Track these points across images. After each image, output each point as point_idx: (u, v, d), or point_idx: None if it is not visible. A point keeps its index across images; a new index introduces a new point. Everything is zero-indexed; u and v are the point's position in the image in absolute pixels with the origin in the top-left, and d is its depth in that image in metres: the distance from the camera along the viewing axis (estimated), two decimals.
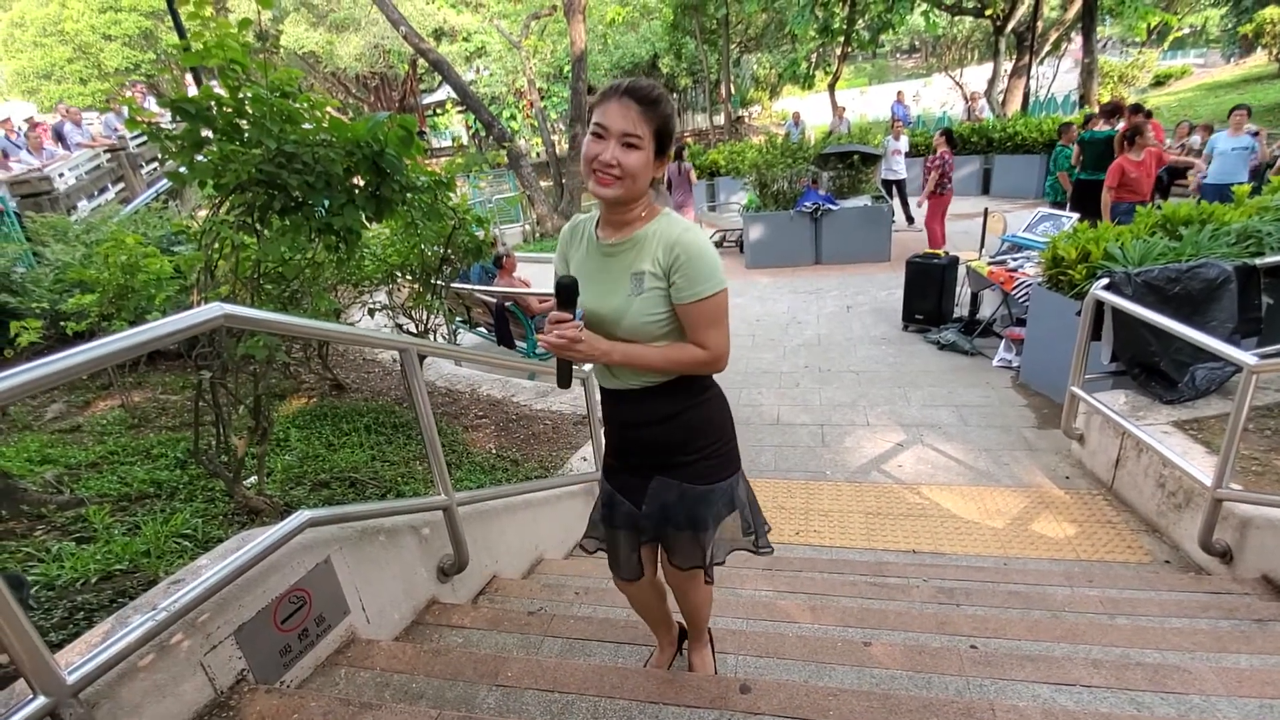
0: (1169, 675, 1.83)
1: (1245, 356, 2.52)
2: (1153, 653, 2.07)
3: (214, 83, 2.20)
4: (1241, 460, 2.98)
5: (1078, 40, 16.16)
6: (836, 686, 1.80)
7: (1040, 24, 15.50)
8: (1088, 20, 13.32)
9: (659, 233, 1.43)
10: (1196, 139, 9.70)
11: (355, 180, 2.38)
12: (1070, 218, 6.10)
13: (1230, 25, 27.15)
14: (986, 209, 7.58)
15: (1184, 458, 3.00)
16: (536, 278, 7.11)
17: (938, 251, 6.51)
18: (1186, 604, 2.50)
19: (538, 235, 14.45)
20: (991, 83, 16.62)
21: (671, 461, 1.56)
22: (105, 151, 11.35)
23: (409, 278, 4.29)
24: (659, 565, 1.77)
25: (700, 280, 1.39)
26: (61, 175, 10.14)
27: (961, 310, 6.53)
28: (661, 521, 1.58)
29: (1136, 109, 7.60)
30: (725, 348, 1.47)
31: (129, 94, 13.06)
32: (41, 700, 1.21)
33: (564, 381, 1.51)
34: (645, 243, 1.43)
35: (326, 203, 2.30)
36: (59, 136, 10.99)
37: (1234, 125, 6.86)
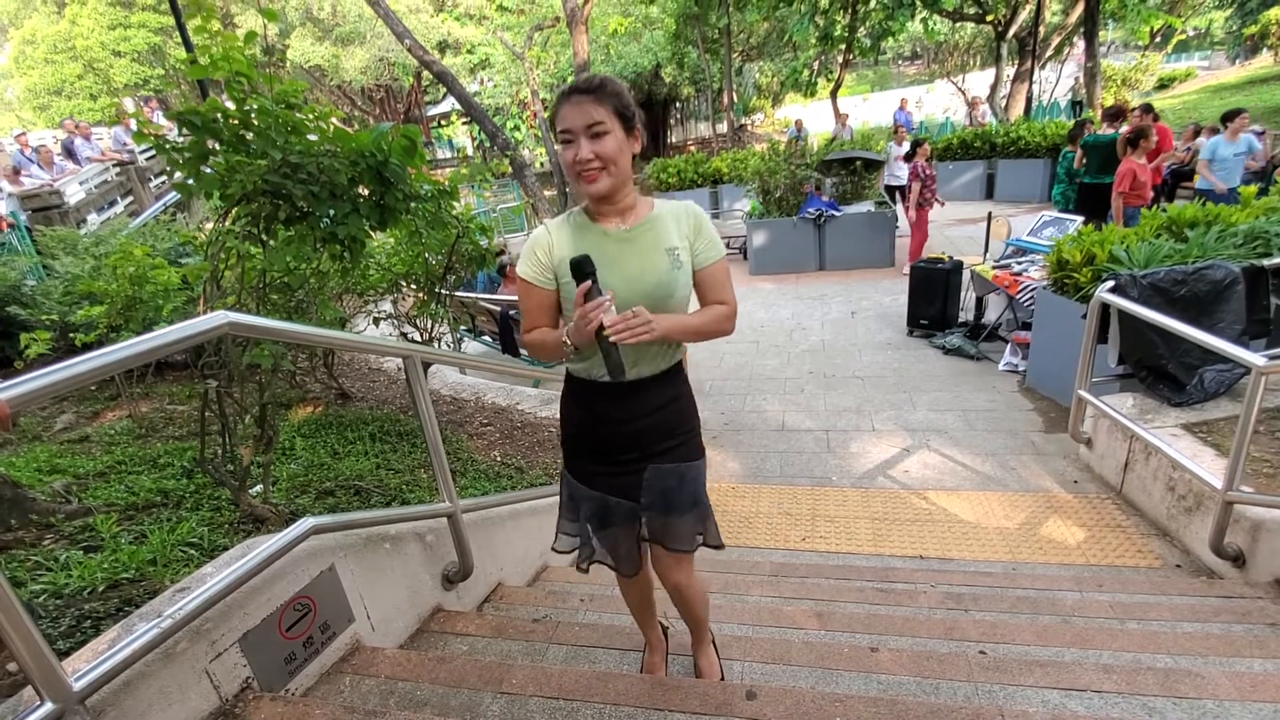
0: (1181, 680, 1.81)
1: (1254, 358, 2.50)
2: (1164, 657, 2.04)
3: (223, 96, 2.23)
4: (1252, 463, 2.95)
5: (1080, 44, 16.16)
6: (843, 693, 1.78)
7: (1042, 29, 15.53)
8: (1090, 24, 13.31)
9: (669, 210, 1.55)
10: (1203, 141, 9.67)
11: (360, 190, 2.40)
12: (1075, 221, 6.09)
13: (1235, 27, 27.16)
14: (990, 213, 7.57)
15: (1193, 461, 2.98)
16: None
17: (941, 256, 6.50)
18: (1198, 608, 2.47)
19: None
20: (994, 88, 16.63)
21: (664, 446, 1.59)
22: (114, 165, 11.49)
23: (413, 286, 4.31)
24: (650, 564, 1.79)
25: (716, 242, 1.57)
26: (72, 189, 10.26)
27: (966, 315, 6.51)
28: (665, 508, 1.60)
29: (1147, 109, 7.57)
30: (736, 301, 1.62)
31: (143, 107, 13.22)
32: (49, 707, 1.22)
33: (621, 368, 1.37)
34: (662, 221, 1.52)
35: (331, 212, 2.32)
36: (69, 151, 11.13)
37: (1232, 131, 6.82)
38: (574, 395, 1.63)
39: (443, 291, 4.11)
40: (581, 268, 1.35)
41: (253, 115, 2.13)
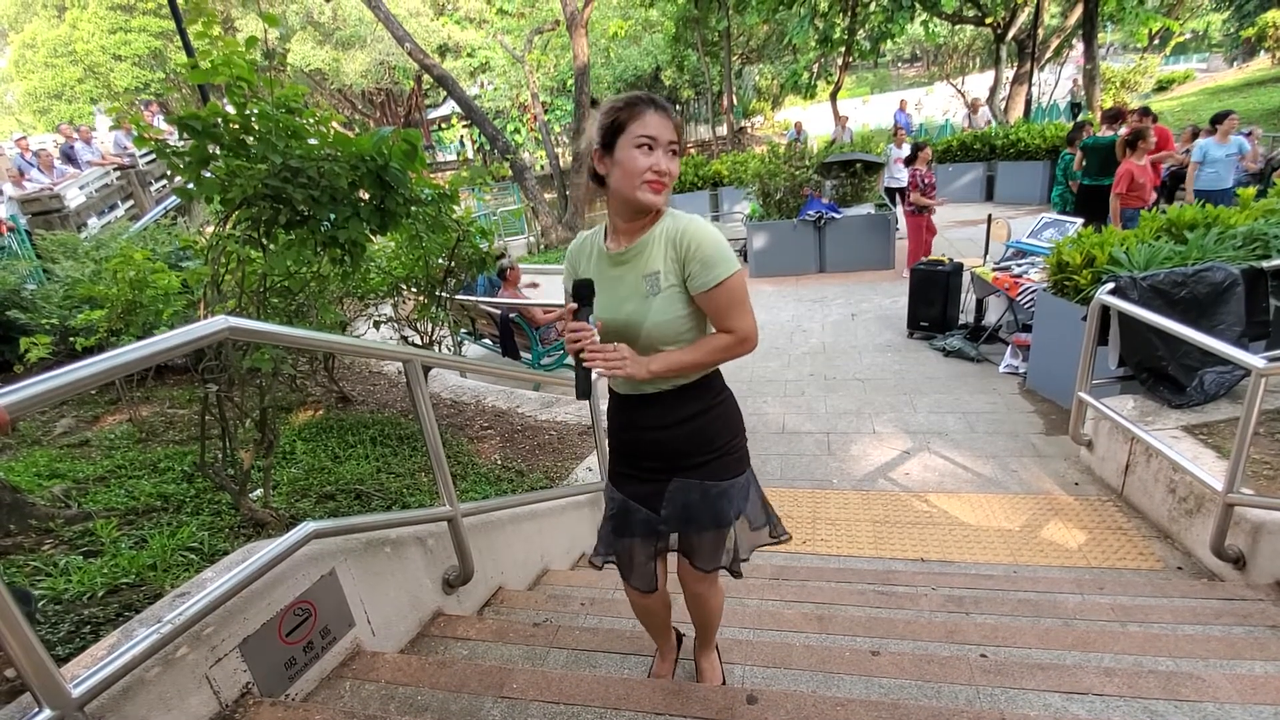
0: (1182, 683, 1.81)
1: (1254, 360, 2.50)
2: (1166, 660, 2.04)
3: (224, 101, 2.24)
4: (1252, 464, 2.95)
5: (1079, 47, 16.20)
6: (844, 696, 1.78)
7: (1041, 31, 15.56)
8: (1089, 27, 13.34)
9: (664, 232, 1.46)
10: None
11: (360, 194, 2.40)
12: (1074, 223, 6.09)
13: (1232, 29, 27.22)
14: (990, 215, 7.57)
15: (1194, 463, 2.97)
16: (540, 289, 7.14)
17: (941, 258, 6.50)
18: (1199, 611, 2.47)
19: (542, 247, 14.54)
20: (993, 90, 16.66)
21: (691, 462, 1.57)
22: (115, 169, 11.50)
23: (414, 290, 4.32)
24: (669, 573, 1.77)
25: (715, 264, 1.42)
26: (72, 193, 10.27)
27: (967, 317, 6.51)
28: (684, 523, 1.59)
29: (1145, 112, 7.59)
30: (753, 327, 1.51)
31: (143, 111, 13.27)
32: (47, 714, 1.21)
33: (585, 392, 1.47)
34: (652, 244, 1.47)
35: (332, 216, 2.32)
36: (68, 156, 11.14)
37: (1222, 133, 6.84)
38: (611, 403, 1.66)
39: (443, 295, 4.11)
40: (578, 291, 1.42)
41: (253, 120, 2.14)
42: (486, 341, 6.75)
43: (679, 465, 1.57)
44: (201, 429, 2.27)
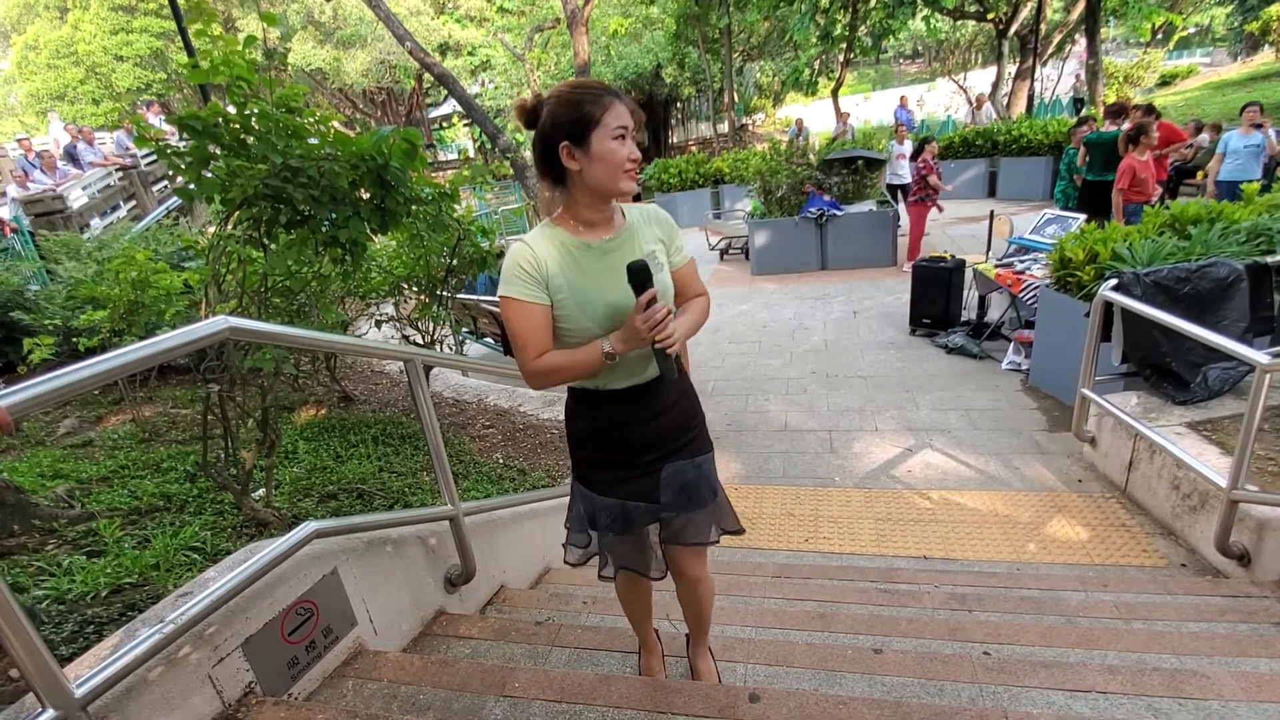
0: (1187, 681, 1.80)
1: (1258, 356, 2.49)
2: (1170, 658, 2.03)
3: (226, 101, 2.24)
4: (1257, 461, 2.94)
5: (1082, 42, 16.14)
6: (847, 695, 1.77)
7: (1044, 26, 15.51)
8: (1091, 22, 13.29)
9: (640, 216, 1.58)
10: (1205, 137, 9.65)
11: (361, 193, 2.40)
12: (1077, 219, 6.07)
13: (1236, 23, 27.11)
14: (993, 211, 7.55)
15: (1198, 459, 2.96)
16: None
17: (943, 255, 6.48)
18: (1204, 608, 2.46)
19: None
20: (995, 86, 16.61)
21: (680, 441, 1.61)
22: (117, 170, 11.52)
23: (415, 289, 4.32)
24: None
25: (683, 242, 1.64)
26: (75, 194, 10.29)
27: (969, 314, 6.49)
28: (685, 504, 1.61)
29: (1149, 109, 7.56)
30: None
31: (144, 111, 13.29)
32: (50, 714, 1.21)
33: (672, 369, 1.45)
34: (638, 229, 1.55)
35: (332, 216, 2.32)
36: (71, 156, 11.16)
37: (1246, 122, 6.83)
38: (589, 407, 1.59)
39: (444, 294, 4.11)
40: (641, 276, 1.35)
41: (253, 119, 2.14)
42: (488, 340, 6.74)
43: (671, 449, 1.60)
44: (204, 429, 2.27)
